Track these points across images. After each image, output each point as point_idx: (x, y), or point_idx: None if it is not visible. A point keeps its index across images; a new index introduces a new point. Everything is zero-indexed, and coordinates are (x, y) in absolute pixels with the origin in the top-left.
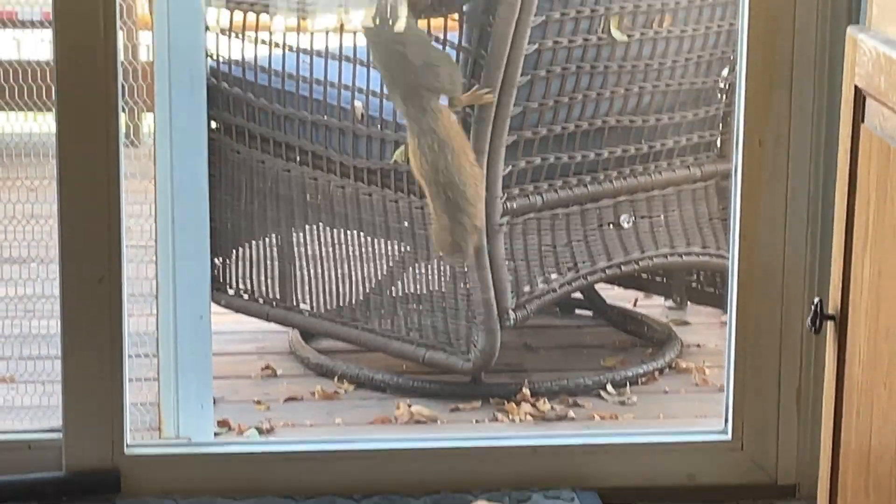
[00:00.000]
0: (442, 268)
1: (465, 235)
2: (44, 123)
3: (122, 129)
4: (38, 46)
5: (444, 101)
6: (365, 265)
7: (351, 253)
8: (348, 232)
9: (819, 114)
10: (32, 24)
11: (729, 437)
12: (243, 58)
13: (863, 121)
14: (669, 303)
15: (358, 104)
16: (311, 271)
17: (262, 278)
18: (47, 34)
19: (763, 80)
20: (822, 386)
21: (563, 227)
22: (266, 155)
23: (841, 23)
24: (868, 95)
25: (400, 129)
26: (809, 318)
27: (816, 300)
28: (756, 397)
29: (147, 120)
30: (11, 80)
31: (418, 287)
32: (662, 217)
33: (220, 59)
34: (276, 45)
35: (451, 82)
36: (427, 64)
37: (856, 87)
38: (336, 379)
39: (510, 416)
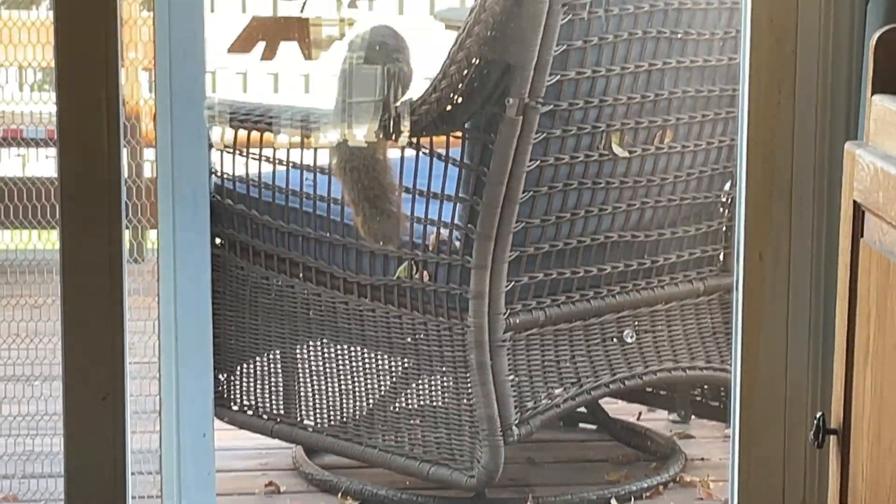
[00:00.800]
0: (445, 383)
1: (392, 221)
2: (48, 241)
3: (126, 246)
4: (43, 164)
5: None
6: (368, 380)
7: (354, 368)
8: (351, 347)
9: (819, 228)
10: (37, 143)
11: None
12: (247, 174)
13: (862, 235)
14: (673, 416)
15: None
16: (315, 387)
17: (266, 394)
18: (52, 152)
19: (763, 195)
20: (826, 501)
21: (566, 341)
22: (270, 271)
23: (839, 138)
24: (867, 210)
25: (402, 244)
26: (812, 433)
27: (819, 414)
28: None
29: (151, 236)
30: (16, 199)
31: (421, 402)
32: (666, 331)
33: (224, 176)
34: (280, 161)
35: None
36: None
37: (854, 201)
38: (340, 495)
39: None
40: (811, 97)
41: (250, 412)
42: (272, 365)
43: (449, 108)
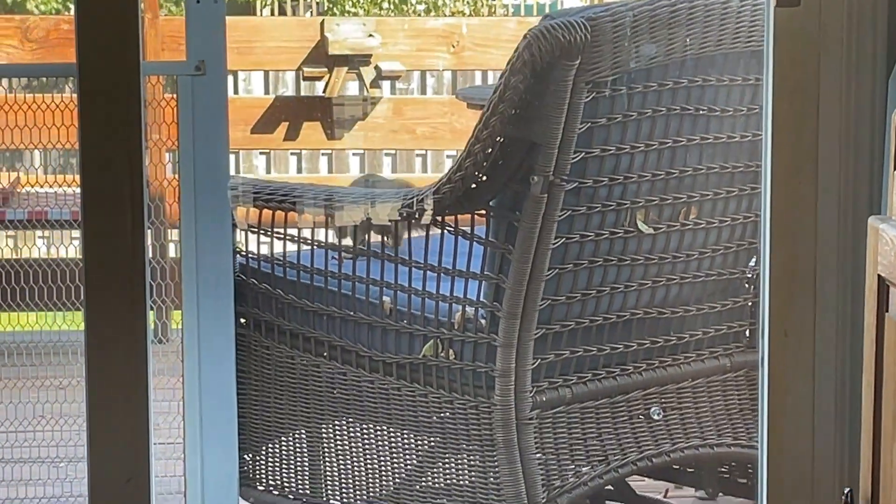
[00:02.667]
0: (472, 461)
1: None
2: (73, 322)
3: (151, 327)
4: (68, 245)
5: None
6: (394, 459)
7: (380, 447)
8: (377, 426)
9: (843, 304)
10: (62, 224)
11: None
12: (272, 253)
13: (887, 310)
14: (701, 493)
15: (386, 299)
16: (341, 466)
17: (292, 473)
18: (76, 233)
19: (786, 271)
20: None
21: (592, 419)
22: (295, 350)
23: (862, 213)
24: (891, 284)
25: (428, 323)
26: None
27: (847, 490)
28: None
29: (175, 317)
30: (41, 281)
31: (448, 480)
32: (692, 408)
33: (249, 255)
34: (304, 240)
35: None
36: None
37: (879, 276)
38: None
39: None
40: (834, 173)
41: (276, 492)
42: (298, 444)
43: (473, 186)
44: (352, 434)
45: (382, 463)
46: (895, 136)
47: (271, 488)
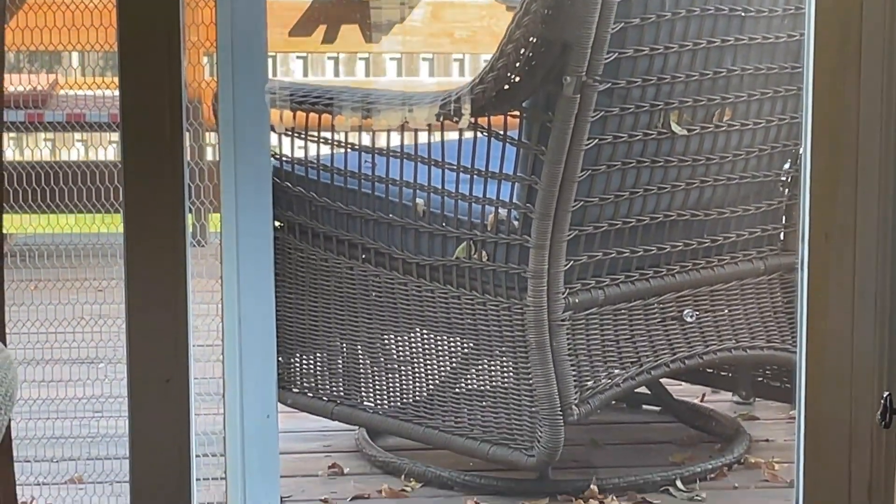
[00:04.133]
0: (504, 363)
1: None
2: (111, 224)
3: (189, 230)
4: (106, 148)
5: None
6: (428, 362)
7: (414, 350)
8: (411, 328)
9: (886, 207)
10: (100, 126)
11: None
12: (307, 156)
13: None
14: (737, 398)
15: (420, 201)
16: (375, 368)
17: (326, 376)
18: (115, 136)
19: (828, 175)
20: (893, 481)
21: (625, 321)
22: (329, 253)
23: None
24: None
25: (462, 224)
26: (879, 413)
27: (886, 394)
28: (826, 493)
29: (214, 220)
30: (80, 182)
31: (481, 383)
32: (726, 311)
33: (284, 159)
34: (339, 144)
35: None
36: None
37: None
38: (403, 477)
39: None
40: (877, 76)
41: (311, 394)
42: (332, 347)
43: (507, 87)
44: (386, 337)
45: (416, 366)
46: None
47: (306, 391)
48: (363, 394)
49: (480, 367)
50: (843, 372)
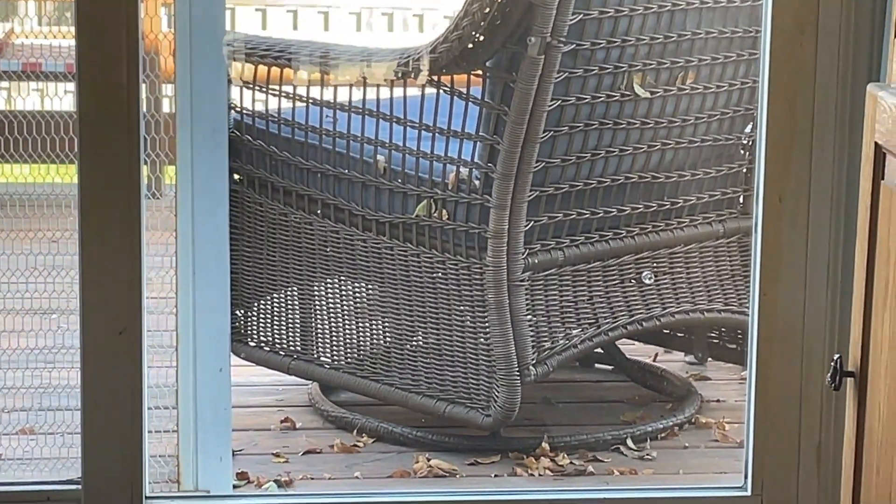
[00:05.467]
0: (462, 322)
1: None
2: (66, 175)
3: (145, 182)
4: (62, 98)
5: None
6: (385, 319)
7: (371, 306)
8: (369, 285)
9: (839, 170)
10: (56, 76)
11: (749, 492)
12: (267, 111)
13: (883, 178)
14: (690, 358)
15: (380, 158)
16: (332, 324)
17: (283, 330)
18: (70, 86)
19: (784, 137)
20: (842, 443)
21: (584, 282)
22: (288, 207)
23: (861, 80)
24: (888, 152)
25: (422, 183)
26: (829, 375)
27: (836, 357)
28: (776, 453)
29: (169, 172)
30: (35, 132)
31: (439, 341)
32: (684, 273)
33: (244, 112)
34: (300, 98)
35: None
36: None
37: (876, 143)
38: (355, 432)
39: (529, 471)
40: (834, 39)
41: (267, 348)
42: (290, 301)
43: (470, 46)
44: (344, 293)
45: (373, 322)
46: None
47: (262, 344)
48: (320, 349)
49: (438, 325)
50: (795, 334)
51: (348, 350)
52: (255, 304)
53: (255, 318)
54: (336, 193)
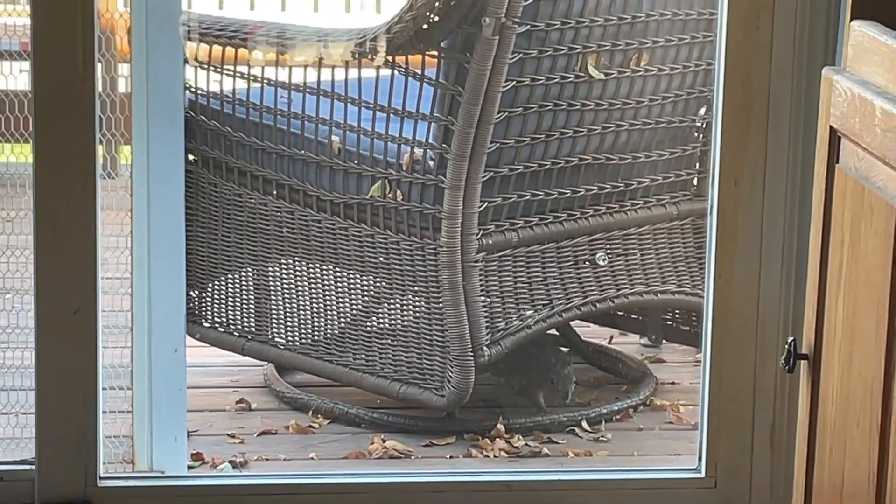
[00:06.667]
0: (417, 303)
1: None
2: (21, 154)
3: (100, 161)
4: (17, 77)
5: None
6: (340, 299)
7: (326, 287)
8: (324, 266)
9: (795, 154)
10: (10, 55)
11: (702, 474)
12: (221, 91)
13: (838, 161)
14: (645, 340)
15: (335, 139)
16: (287, 305)
17: (238, 311)
18: (25, 65)
19: (739, 120)
20: (795, 424)
21: (538, 263)
22: (243, 188)
23: (817, 64)
24: (843, 136)
25: (377, 163)
26: (783, 357)
27: (790, 339)
28: (730, 435)
29: (124, 152)
30: None
31: (393, 321)
32: (638, 255)
33: (199, 92)
34: (255, 78)
35: None
36: None
37: (831, 127)
38: (311, 413)
39: (484, 452)
40: (790, 22)
41: (221, 329)
42: (244, 282)
43: (425, 26)
44: (299, 273)
45: (328, 303)
46: None
47: (217, 325)
48: (274, 330)
49: (393, 306)
50: (749, 316)
51: (303, 331)
52: (210, 285)
53: (209, 299)
54: (291, 174)
